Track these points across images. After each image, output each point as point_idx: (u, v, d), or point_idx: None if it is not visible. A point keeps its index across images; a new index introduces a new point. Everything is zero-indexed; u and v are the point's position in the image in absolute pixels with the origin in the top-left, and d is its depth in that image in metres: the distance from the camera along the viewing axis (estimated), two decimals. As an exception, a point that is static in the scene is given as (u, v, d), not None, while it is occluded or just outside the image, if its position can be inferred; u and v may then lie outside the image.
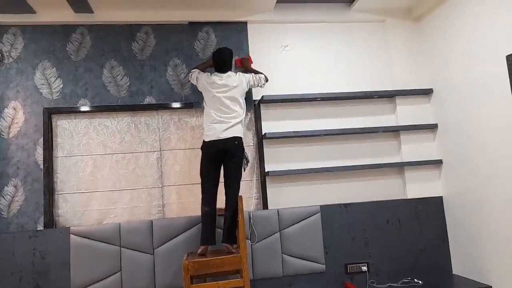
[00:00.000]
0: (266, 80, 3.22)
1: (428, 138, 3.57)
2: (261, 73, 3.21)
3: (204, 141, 2.89)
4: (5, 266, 2.89)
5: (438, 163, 3.47)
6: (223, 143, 2.81)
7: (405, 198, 3.48)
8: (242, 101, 2.98)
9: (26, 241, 2.94)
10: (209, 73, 3.06)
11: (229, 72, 3.02)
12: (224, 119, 2.85)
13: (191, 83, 3.25)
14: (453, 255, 3.36)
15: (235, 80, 2.98)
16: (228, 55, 3.06)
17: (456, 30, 3.20)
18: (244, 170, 2.97)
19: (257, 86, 3.19)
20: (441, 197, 3.47)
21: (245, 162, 2.95)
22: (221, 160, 2.87)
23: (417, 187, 3.49)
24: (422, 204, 3.43)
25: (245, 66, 3.32)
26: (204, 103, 3.03)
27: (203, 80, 3.01)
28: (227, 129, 2.83)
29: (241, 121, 2.92)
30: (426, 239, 3.38)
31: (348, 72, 3.61)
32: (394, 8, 3.62)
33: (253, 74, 3.17)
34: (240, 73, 3.09)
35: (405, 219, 3.39)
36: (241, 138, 2.89)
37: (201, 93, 3.09)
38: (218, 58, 3.04)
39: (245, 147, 2.95)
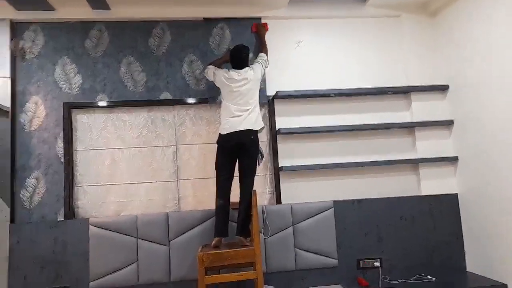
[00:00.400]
0: (267, 56, 3.23)
1: (444, 135, 3.54)
2: (265, 48, 3.28)
3: (220, 134, 2.94)
4: (27, 255, 3.00)
5: (453, 160, 3.44)
6: (238, 136, 2.85)
7: (419, 194, 3.46)
8: (258, 91, 3.04)
9: (47, 231, 3.05)
10: (226, 69, 3.09)
11: (246, 68, 3.05)
12: (242, 112, 2.90)
13: (206, 79, 3.30)
14: (468, 253, 3.34)
15: (251, 74, 3.01)
16: (245, 52, 3.09)
17: (472, 25, 3.15)
18: (259, 165, 3.00)
19: (265, 68, 3.22)
20: (456, 194, 3.44)
21: (260, 156, 2.98)
22: (236, 154, 2.91)
23: (432, 183, 3.47)
24: (437, 201, 3.41)
25: (260, 32, 3.42)
26: (221, 97, 3.07)
27: (221, 76, 3.05)
28: (243, 121, 2.87)
29: (254, 109, 2.94)
30: (440, 236, 3.37)
31: (363, 68, 3.60)
32: (410, 2, 3.58)
33: (260, 59, 3.17)
34: (253, 65, 3.11)
35: (419, 216, 3.38)
36: (256, 132, 2.92)
37: (218, 88, 3.13)
38: (236, 55, 3.08)
39: (259, 142, 2.98)
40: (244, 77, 2.98)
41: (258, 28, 3.44)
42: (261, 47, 3.34)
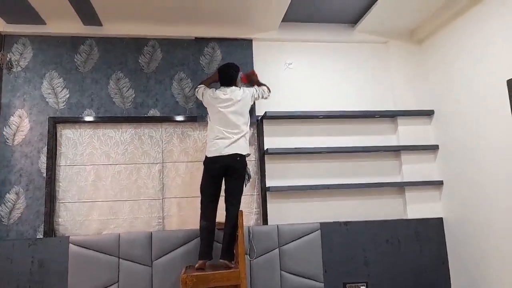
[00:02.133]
0: (269, 91, 3.24)
1: (429, 159, 3.59)
2: (264, 85, 3.24)
3: (206, 157, 2.89)
4: (2, 273, 2.87)
5: (438, 184, 3.48)
6: (225, 159, 2.81)
7: (405, 218, 3.48)
8: (247, 115, 3.00)
9: (25, 249, 2.93)
10: (214, 89, 3.09)
11: (233, 87, 3.03)
12: (228, 134, 2.86)
13: (196, 97, 3.30)
14: (453, 277, 3.34)
15: (239, 94, 2.99)
16: (234, 70, 3.09)
17: (457, 53, 3.25)
18: (245, 186, 2.97)
19: (261, 98, 3.20)
20: (441, 218, 3.46)
21: (247, 178, 2.94)
22: (222, 176, 2.88)
23: (417, 207, 3.49)
24: (422, 225, 3.42)
25: (252, 80, 3.33)
26: (208, 118, 3.05)
27: (208, 96, 3.04)
28: (230, 144, 2.83)
29: (245, 135, 2.91)
30: (426, 260, 3.36)
31: (350, 91, 3.66)
32: (397, 30, 3.69)
33: (256, 87, 3.19)
34: (244, 87, 3.12)
35: (405, 239, 3.38)
36: (243, 155, 2.88)
37: (206, 107, 3.13)
38: (224, 72, 3.07)
39: (247, 162, 2.96)
40: (230, 97, 2.94)
41: (248, 78, 3.31)
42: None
